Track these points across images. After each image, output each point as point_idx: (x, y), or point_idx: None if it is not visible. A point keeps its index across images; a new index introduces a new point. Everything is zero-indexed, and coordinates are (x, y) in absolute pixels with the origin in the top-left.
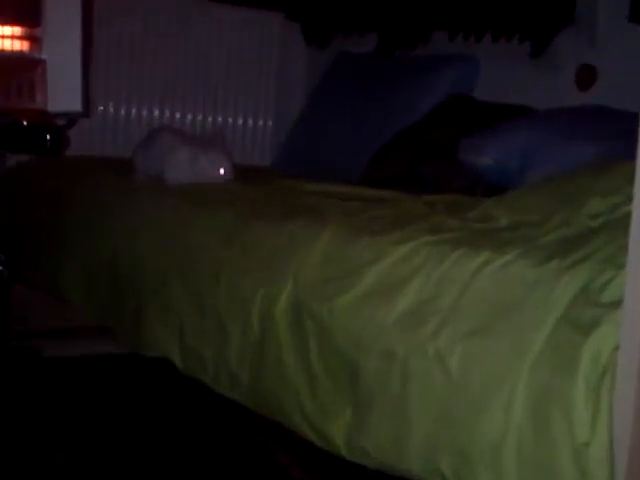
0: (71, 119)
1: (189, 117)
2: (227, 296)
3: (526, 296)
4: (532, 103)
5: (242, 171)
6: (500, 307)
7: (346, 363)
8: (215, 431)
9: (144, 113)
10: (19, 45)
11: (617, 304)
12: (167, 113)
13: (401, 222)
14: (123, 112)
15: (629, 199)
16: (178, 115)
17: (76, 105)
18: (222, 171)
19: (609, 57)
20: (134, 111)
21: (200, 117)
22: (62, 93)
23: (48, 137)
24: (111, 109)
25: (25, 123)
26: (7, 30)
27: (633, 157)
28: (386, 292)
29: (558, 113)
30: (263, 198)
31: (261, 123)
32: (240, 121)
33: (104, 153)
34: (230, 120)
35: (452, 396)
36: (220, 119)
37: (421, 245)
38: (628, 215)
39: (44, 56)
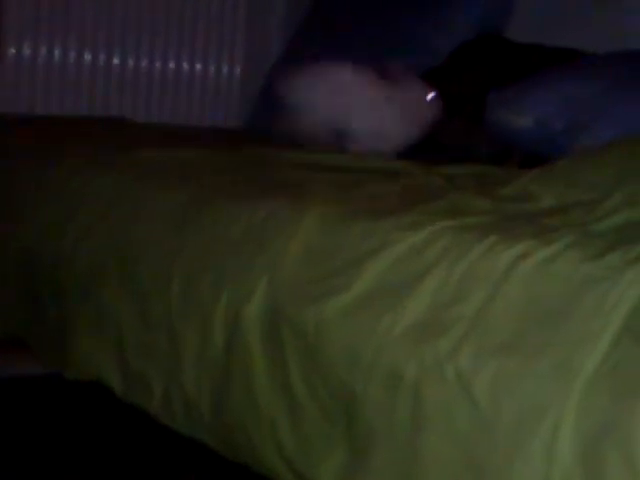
0: None
1: (130, 63)
2: (181, 300)
3: (576, 300)
4: (585, 46)
5: (201, 134)
6: (542, 314)
7: (338, 388)
8: (172, 476)
9: (71, 56)
10: None
11: None
12: (102, 58)
13: (411, 201)
14: (43, 55)
15: None
16: (116, 61)
17: None
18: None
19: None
20: (57, 54)
21: (144, 63)
22: None
23: None
24: (27, 51)
25: None
26: None
27: None
28: (391, 295)
29: (619, 58)
30: (229, 171)
31: (226, 70)
32: (198, 67)
33: (17, 109)
34: (185, 66)
35: (478, 433)
36: (172, 65)
37: (438, 232)
38: None
39: None
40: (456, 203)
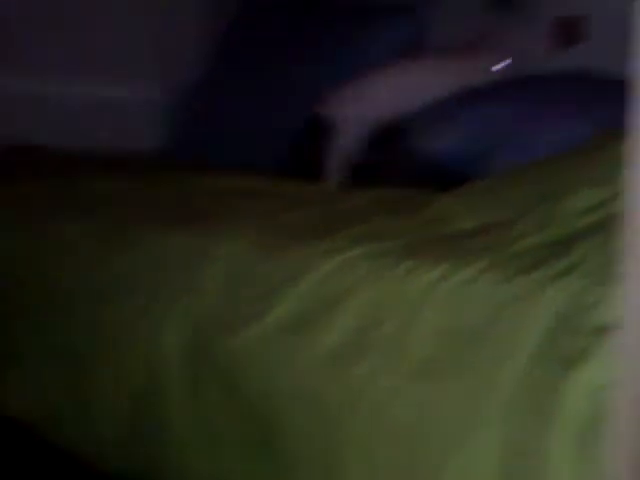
0: None
1: (45, 87)
2: (98, 330)
3: (493, 321)
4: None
5: (117, 159)
6: (460, 337)
7: (259, 417)
8: None
9: None
10: None
11: (610, 329)
12: (13, 82)
13: (331, 226)
14: None
15: (620, 191)
16: (31, 85)
17: None
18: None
19: (599, 6)
20: None
21: (59, 88)
22: None
23: None
24: None
25: None
26: None
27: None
28: (309, 321)
29: (534, 80)
30: (147, 198)
31: (142, 94)
32: (114, 92)
33: None
34: (102, 90)
35: (399, 456)
36: (79, 89)
37: (357, 257)
38: (621, 211)
39: None
40: (375, 227)
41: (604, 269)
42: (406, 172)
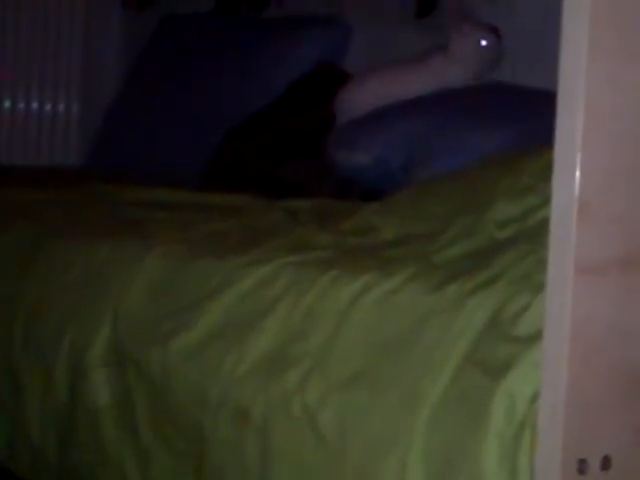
0: None
1: None
2: (22, 343)
3: (419, 331)
4: None
5: (39, 174)
6: (386, 347)
7: (186, 428)
8: None
9: None
10: None
11: (536, 338)
12: None
13: (254, 238)
14: None
15: (546, 200)
16: None
17: None
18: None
19: (514, 17)
20: None
21: None
22: None
23: None
24: None
25: None
26: None
27: (547, 144)
28: (236, 331)
29: (451, 94)
30: (68, 211)
31: (62, 108)
32: (34, 106)
33: None
34: (21, 105)
35: (326, 466)
36: (7, 104)
37: (281, 268)
38: (545, 221)
39: None
40: (298, 238)
41: (527, 279)
42: (328, 185)
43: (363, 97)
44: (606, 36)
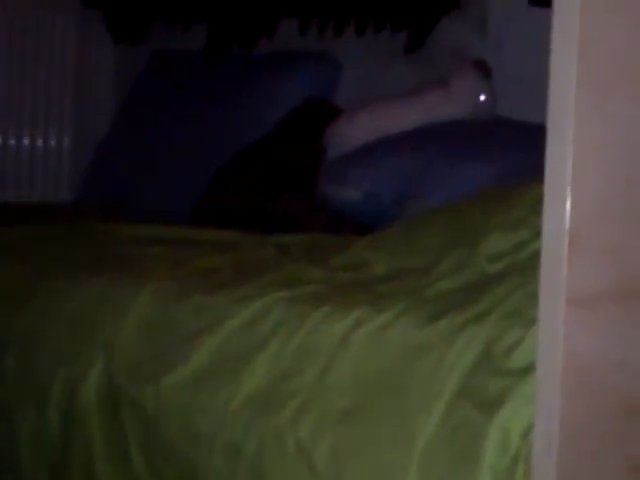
0: None
1: None
2: (15, 380)
3: (411, 366)
4: None
5: (32, 209)
6: (378, 382)
7: (179, 464)
8: None
9: None
10: None
11: (528, 371)
12: None
13: (245, 273)
14: None
15: (537, 233)
16: None
17: None
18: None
19: (504, 52)
20: None
21: None
22: None
23: None
24: None
25: None
26: None
27: (539, 177)
28: (228, 368)
29: (442, 128)
30: (62, 247)
31: (54, 143)
32: (26, 141)
33: None
34: (11, 141)
35: None
36: None
37: (272, 304)
38: (536, 254)
39: None
40: (289, 274)
41: (518, 313)
42: (319, 220)
43: (354, 131)
44: (594, 69)
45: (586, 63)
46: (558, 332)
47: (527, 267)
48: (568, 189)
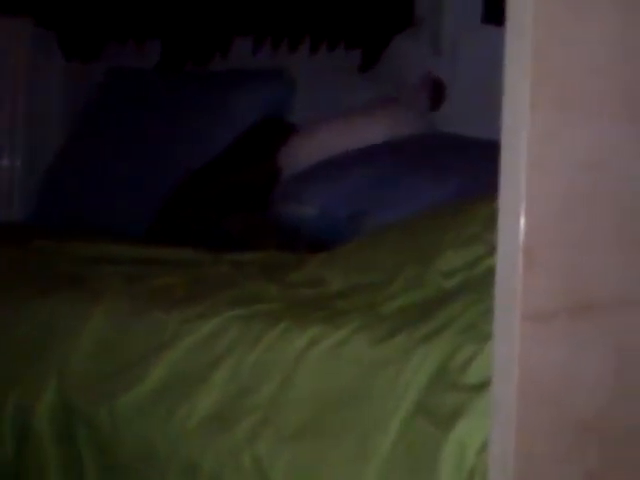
0: None
1: None
2: None
3: (367, 383)
4: None
5: None
6: (335, 399)
7: None
8: None
9: None
10: None
11: (484, 387)
12: None
13: (200, 291)
14: None
15: (491, 249)
16: None
17: None
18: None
19: (458, 68)
20: None
21: None
22: None
23: None
24: None
25: None
26: None
27: (494, 193)
28: (184, 386)
29: (396, 144)
30: (13, 266)
31: (6, 163)
32: None
33: None
34: None
35: None
36: None
37: (228, 321)
38: (491, 270)
39: None
40: (245, 291)
41: (473, 328)
42: (274, 237)
43: (309, 149)
44: (548, 86)
45: (540, 80)
46: (514, 347)
47: (482, 283)
48: (522, 205)
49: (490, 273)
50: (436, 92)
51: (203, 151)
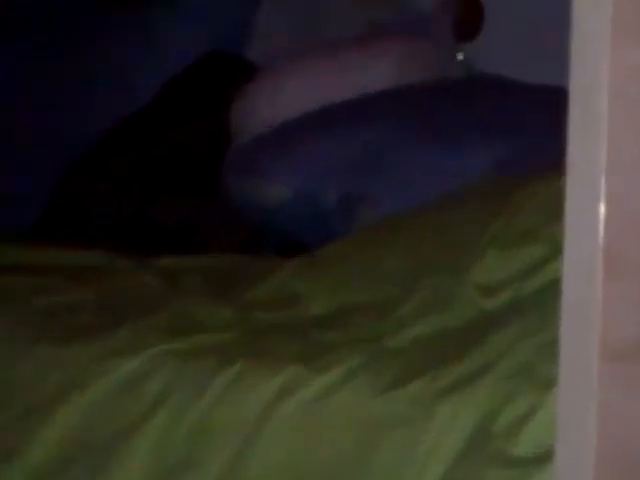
0: None
1: None
2: None
3: (368, 453)
4: None
5: None
6: (318, 476)
7: None
8: None
9: None
10: None
11: (543, 460)
12: None
13: (115, 314)
14: None
15: (555, 251)
16: None
17: None
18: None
19: None
20: None
21: None
22: None
23: None
24: None
25: None
26: None
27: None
28: (88, 461)
29: (405, 94)
30: None
31: None
32: None
33: None
34: None
35: None
36: None
37: (157, 360)
38: (553, 283)
39: None
40: (182, 314)
41: (527, 371)
42: (226, 233)
43: (278, 100)
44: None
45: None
46: (589, 398)
47: (540, 302)
48: (602, 185)
49: (552, 287)
50: (469, 14)
51: (119, 102)
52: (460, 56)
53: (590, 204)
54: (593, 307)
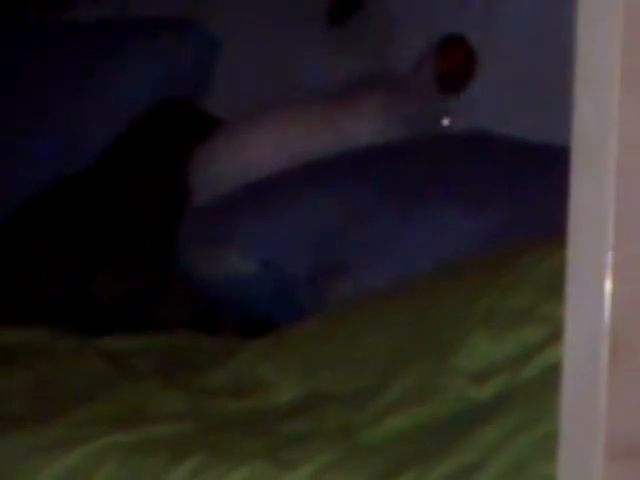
0: None
1: None
2: None
3: None
4: None
5: None
6: None
7: None
8: None
9: None
10: None
11: None
12: None
13: (53, 402)
14: None
15: (552, 333)
16: None
17: None
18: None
19: (495, 25)
20: None
21: None
22: None
23: None
24: None
25: None
26: None
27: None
28: None
29: (391, 153)
30: None
31: None
32: None
33: None
34: None
35: None
36: None
37: (100, 454)
38: (551, 371)
39: None
40: (130, 402)
41: (522, 470)
42: (181, 309)
43: (241, 157)
44: None
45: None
46: None
47: (536, 393)
48: (609, 256)
49: (551, 374)
50: (456, 65)
51: (62, 157)
52: (446, 122)
53: (595, 283)
54: (598, 396)
